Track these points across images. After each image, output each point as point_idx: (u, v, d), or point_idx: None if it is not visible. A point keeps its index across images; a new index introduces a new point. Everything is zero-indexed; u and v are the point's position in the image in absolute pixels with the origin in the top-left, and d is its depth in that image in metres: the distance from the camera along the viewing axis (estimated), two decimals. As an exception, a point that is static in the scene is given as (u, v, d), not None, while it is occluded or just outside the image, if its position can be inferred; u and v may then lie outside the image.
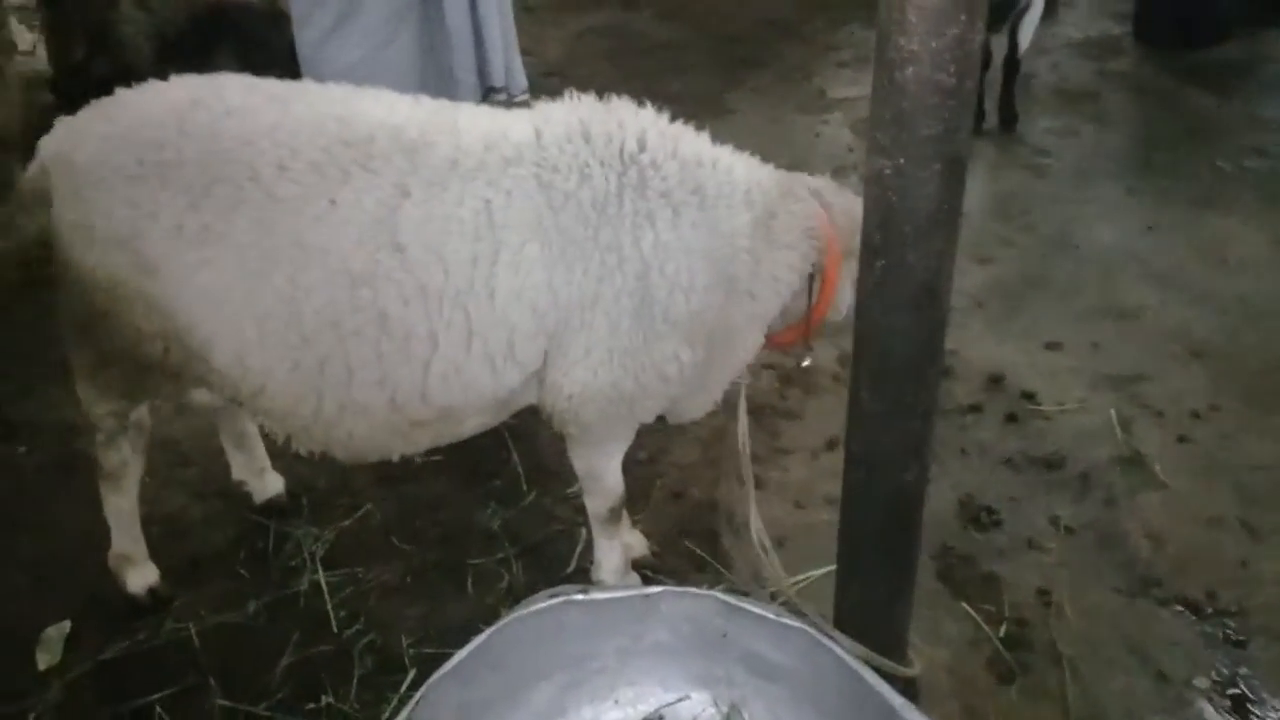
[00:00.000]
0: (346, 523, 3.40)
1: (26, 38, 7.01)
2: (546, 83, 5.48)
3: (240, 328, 2.34)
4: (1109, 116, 6.47)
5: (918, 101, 1.77)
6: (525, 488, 3.53)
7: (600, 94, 2.59)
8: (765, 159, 2.72)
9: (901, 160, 1.84)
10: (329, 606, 3.08)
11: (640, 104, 2.55)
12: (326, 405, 2.42)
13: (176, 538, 3.36)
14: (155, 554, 3.26)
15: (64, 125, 2.50)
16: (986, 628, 2.98)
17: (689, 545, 3.29)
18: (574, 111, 2.50)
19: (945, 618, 2.99)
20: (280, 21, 6.87)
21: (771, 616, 2.38)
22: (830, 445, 3.67)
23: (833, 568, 2.99)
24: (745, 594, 3.09)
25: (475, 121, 2.47)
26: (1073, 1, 8.32)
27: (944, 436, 3.60)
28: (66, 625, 3.05)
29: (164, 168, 2.32)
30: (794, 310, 2.70)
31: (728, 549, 3.28)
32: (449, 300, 2.33)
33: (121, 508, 2.99)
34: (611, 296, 2.39)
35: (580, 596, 2.60)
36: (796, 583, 3.10)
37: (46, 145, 2.51)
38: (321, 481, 3.57)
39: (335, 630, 3.02)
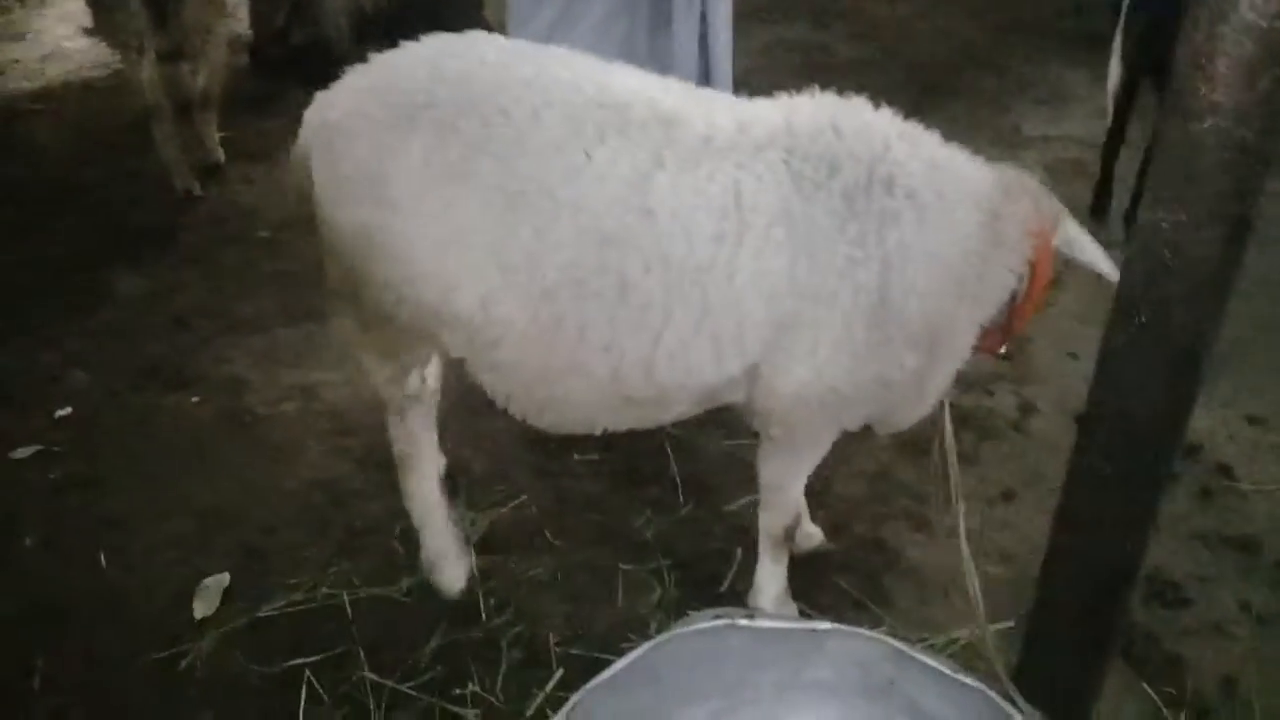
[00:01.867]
0: (502, 510, 3.37)
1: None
2: (733, 92, 5.43)
3: (487, 274, 2.30)
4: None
5: (1213, 156, 1.63)
6: (682, 499, 3.45)
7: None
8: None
9: (1183, 216, 1.70)
10: (479, 592, 3.05)
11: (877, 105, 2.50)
12: (554, 363, 2.38)
13: (337, 505, 3.39)
14: (316, 520, 3.32)
15: (324, 92, 2.51)
16: (1167, 711, 2.77)
17: (844, 584, 3.16)
18: (822, 105, 2.45)
19: (1125, 695, 2.80)
20: (473, 7, 7.00)
21: (947, 671, 2.24)
22: (1006, 496, 3.49)
23: (1007, 625, 2.89)
24: (908, 640, 2.96)
25: (726, 104, 2.44)
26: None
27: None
28: (225, 578, 3.10)
29: (414, 109, 2.30)
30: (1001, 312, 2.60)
31: (888, 589, 3.14)
32: (689, 275, 2.28)
33: (423, 493, 2.92)
34: (850, 293, 2.31)
35: (745, 622, 2.50)
36: (961, 636, 2.95)
37: (309, 114, 2.51)
38: (479, 467, 3.55)
39: (484, 618, 2.99)
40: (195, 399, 3.87)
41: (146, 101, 5.01)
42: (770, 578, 2.94)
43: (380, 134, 2.32)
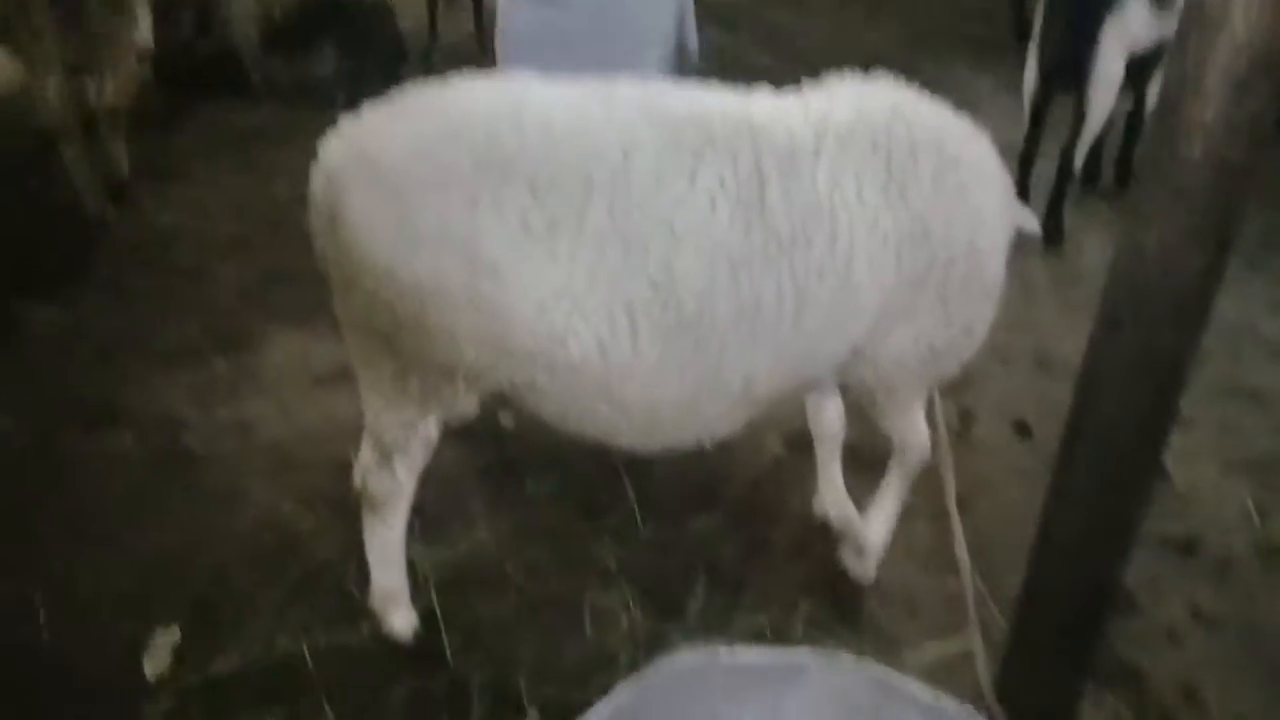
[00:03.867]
0: (461, 546, 3.30)
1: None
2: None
3: (609, 318, 2.29)
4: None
5: (1200, 177, 1.67)
6: (641, 524, 3.43)
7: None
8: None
9: (1169, 236, 1.73)
10: (443, 635, 2.99)
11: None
12: (687, 389, 2.42)
13: (286, 548, 3.28)
14: (266, 565, 3.21)
15: (349, 131, 2.39)
16: (1129, 720, 2.85)
17: (810, 607, 3.16)
18: (870, 92, 2.57)
19: (1088, 706, 2.86)
20: (385, 16, 6.88)
21: (930, 701, 2.26)
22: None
23: (968, 647, 2.93)
24: (882, 661, 2.99)
25: (784, 104, 2.53)
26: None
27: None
28: (175, 631, 2.97)
29: (504, 164, 2.23)
30: None
31: (854, 609, 3.16)
32: (815, 277, 2.37)
33: (388, 540, 2.82)
34: (944, 264, 2.49)
35: (724, 658, 2.50)
36: (931, 654, 3.00)
37: (331, 152, 2.39)
38: (432, 502, 3.46)
39: (450, 661, 2.92)
40: (127, 439, 3.70)
41: (52, 120, 4.77)
42: (887, 519, 3.17)
43: (469, 188, 2.22)
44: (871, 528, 3.14)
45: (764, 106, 2.49)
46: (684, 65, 3.73)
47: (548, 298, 2.28)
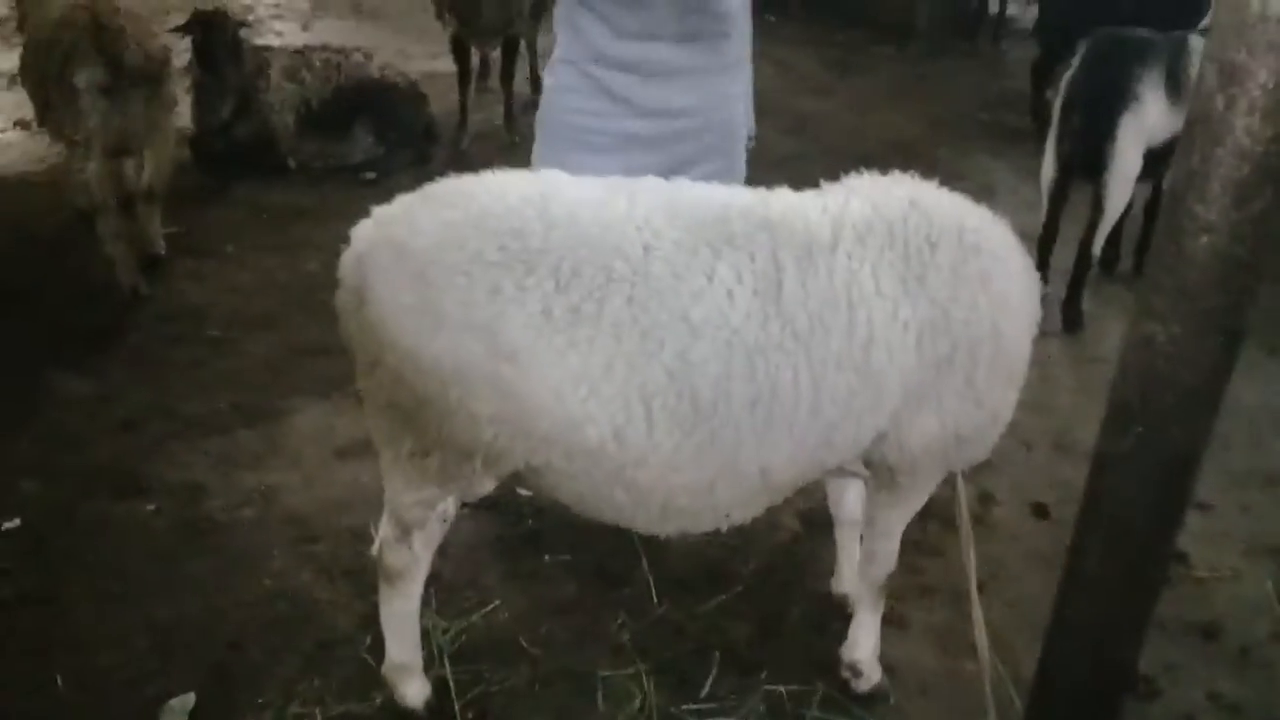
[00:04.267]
0: (475, 618, 3.31)
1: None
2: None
3: (625, 405, 2.36)
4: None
5: (1207, 273, 1.70)
6: (656, 600, 3.42)
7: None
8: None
9: (1177, 329, 1.77)
10: (455, 705, 2.98)
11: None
12: (704, 475, 2.47)
13: (304, 618, 3.29)
14: (282, 633, 3.22)
15: (381, 215, 2.50)
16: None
17: (824, 686, 3.13)
18: (885, 186, 2.65)
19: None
20: (418, 101, 7.07)
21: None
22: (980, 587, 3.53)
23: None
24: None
25: (803, 200, 2.63)
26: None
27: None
28: (191, 698, 2.98)
29: (529, 254, 2.33)
30: None
31: (871, 693, 3.13)
32: (832, 366, 2.43)
33: (404, 612, 2.85)
34: (967, 350, 2.53)
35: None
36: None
37: (362, 236, 2.49)
38: (448, 572, 3.49)
39: (463, 733, 2.92)
40: (150, 506, 3.75)
41: (91, 198, 4.93)
42: (869, 632, 3.09)
43: (494, 277, 2.32)
44: (859, 646, 3.09)
45: (782, 202, 2.59)
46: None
47: (565, 384, 2.35)
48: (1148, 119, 5.06)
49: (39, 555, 3.52)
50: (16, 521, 3.65)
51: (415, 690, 2.94)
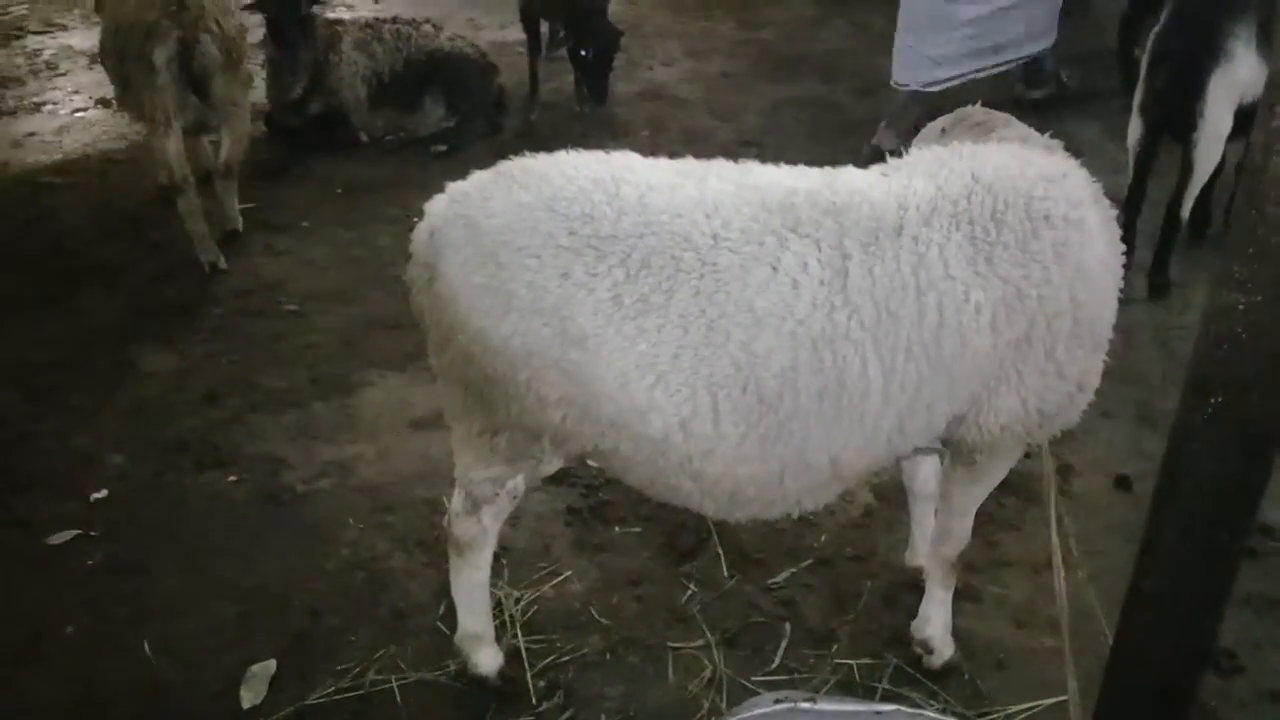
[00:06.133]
0: (546, 588, 3.34)
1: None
2: (744, 151, 5.42)
3: (692, 396, 2.35)
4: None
5: (1287, 238, 1.62)
6: (727, 573, 3.42)
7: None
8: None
9: (1259, 298, 1.69)
10: (528, 674, 3.02)
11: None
12: (773, 466, 2.45)
13: (379, 587, 3.36)
14: (359, 602, 3.29)
15: (455, 192, 2.52)
16: (1232, 788, 2.73)
17: (895, 658, 3.11)
18: (950, 160, 2.55)
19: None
20: (488, 72, 7.08)
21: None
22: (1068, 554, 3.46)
23: (1062, 699, 2.85)
24: (965, 718, 2.92)
25: (869, 181, 2.54)
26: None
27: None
28: (272, 665, 3.07)
29: (599, 240, 2.34)
30: None
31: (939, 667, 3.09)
32: (901, 354, 2.38)
33: (475, 582, 2.89)
34: (1045, 325, 2.45)
35: (806, 705, 2.48)
36: (1021, 711, 2.92)
37: (435, 211, 2.52)
38: (520, 544, 3.53)
39: (534, 701, 2.96)
40: (232, 477, 3.85)
41: (171, 176, 5.03)
42: (941, 608, 3.06)
43: (564, 261, 2.33)
44: (931, 622, 3.05)
45: (847, 185, 2.52)
46: None
47: (631, 370, 2.34)
48: (1239, 75, 4.85)
49: (126, 525, 3.63)
50: (104, 493, 3.78)
51: (488, 659, 2.98)
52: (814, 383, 2.35)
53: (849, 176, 2.57)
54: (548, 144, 2.72)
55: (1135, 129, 5.20)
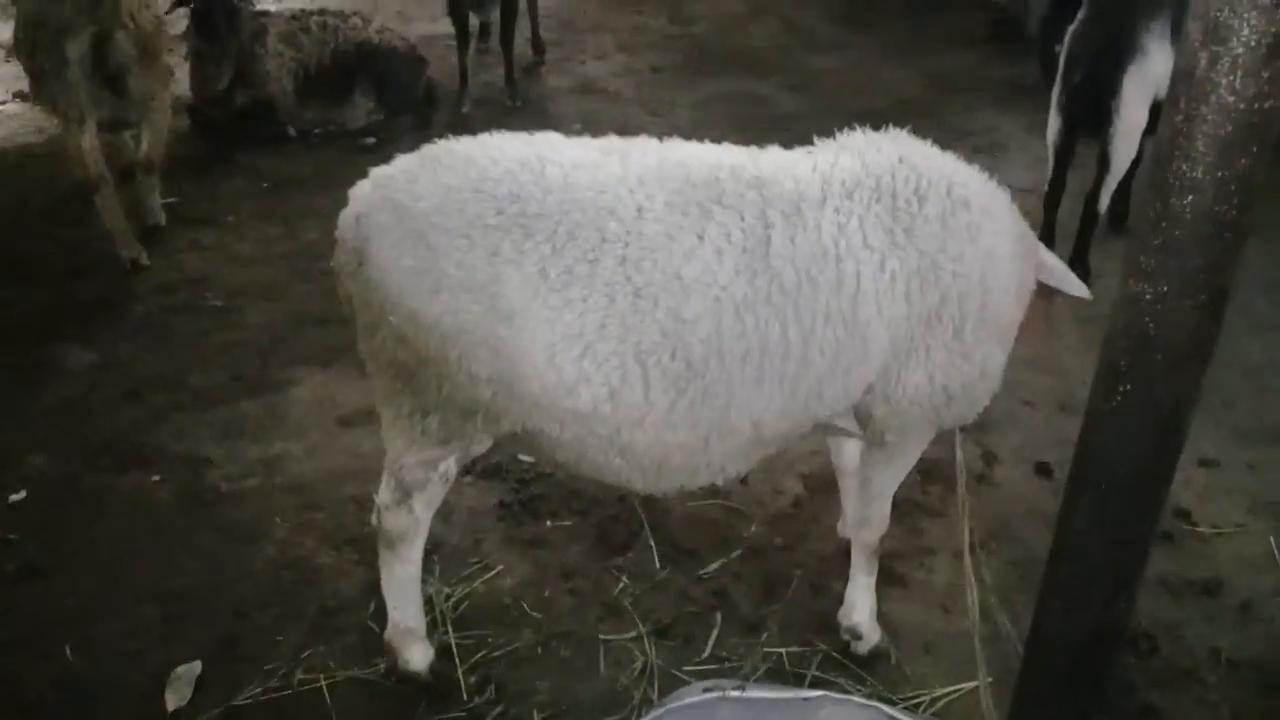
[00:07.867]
0: (478, 584, 3.33)
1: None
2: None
3: (620, 365, 2.38)
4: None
5: (1192, 231, 1.68)
6: (659, 564, 3.44)
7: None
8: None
9: (1164, 288, 1.75)
10: (459, 670, 3.01)
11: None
12: (699, 432, 2.49)
13: (307, 585, 3.33)
14: (287, 601, 3.25)
15: (380, 177, 2.52)
16: (1150, 765, 2.82)
17: (823, 644, 3.16)
18: (877, 142, 2.64)
19: (1106, 748, 2.83)
20: (416, 65, 7.02)
21: (940, 738, 2.26)
22: (975, 548, 3.53)
23: (979, 683, 2.91)
24: (892, 702, 2.97)
25: (793, 158, 2.63)
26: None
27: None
28: (197, 666, 3.02)
29: (526, 218, 2.36)
30: None
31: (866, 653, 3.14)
32: (820, 319, 2.44)
33: (405, 577, 2.88)
34: (956, 302, 2.54)
35: (735, 693, 2.51)
36: (945, 695, 2.98)
37: (361, 196, 2.52)
38: (453, 539, 3.51)
39: (465, 696, 2.95)
40: (155, 477, 3.78)
41: (87, 171, 4.90)
42: (865, 593, 3.13)
43: (493, 240, 2.35)
44: (857, 609, 3.12)
45: (772, 160, 2.59)
46: None
47: (558, 342, 2.36)
48: (1153, 71, 4.97)
49: (46, 527, 3.55)
50: (23, 494, 3.69)
51: (419, 655, 2.96)
52: (738, 346, 2.41)
53: (774, 153, 2.64)
54: (477, 138, 2.72)
55: (1054, 125, 5.32)
